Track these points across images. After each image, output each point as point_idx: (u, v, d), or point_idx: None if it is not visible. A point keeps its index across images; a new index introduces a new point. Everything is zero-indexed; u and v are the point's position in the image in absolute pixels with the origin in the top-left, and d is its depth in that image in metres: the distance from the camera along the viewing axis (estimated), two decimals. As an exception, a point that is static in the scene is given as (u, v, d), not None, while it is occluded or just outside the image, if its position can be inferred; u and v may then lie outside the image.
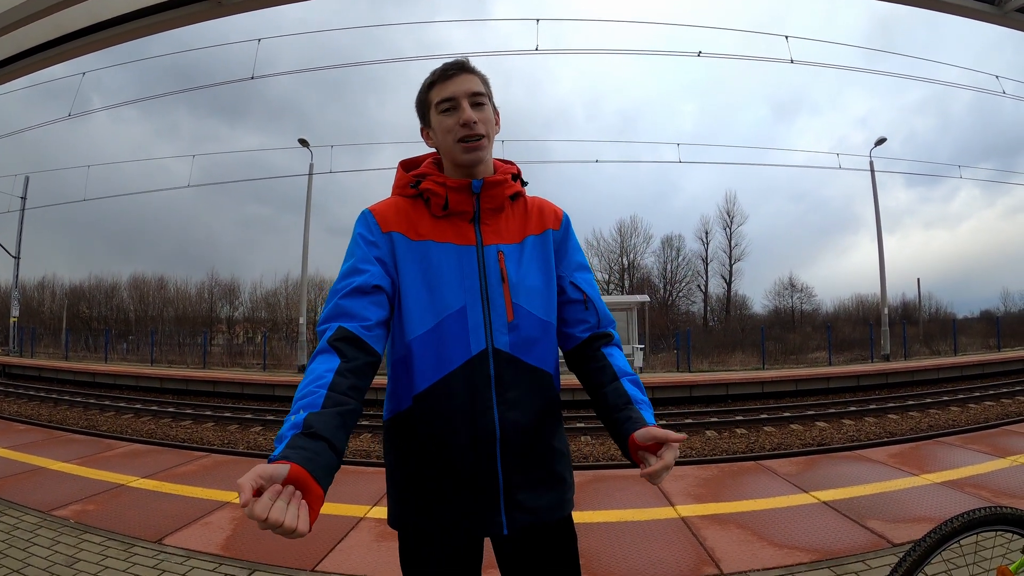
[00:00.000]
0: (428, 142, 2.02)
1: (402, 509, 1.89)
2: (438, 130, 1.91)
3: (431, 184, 1.90)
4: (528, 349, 1.87)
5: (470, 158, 1.87)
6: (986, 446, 6.74)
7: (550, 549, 1.95)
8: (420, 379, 1.81)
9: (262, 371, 30.90)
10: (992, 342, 37.00)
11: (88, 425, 14.91)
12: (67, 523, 4.81)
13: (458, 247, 1.86)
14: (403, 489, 1.89)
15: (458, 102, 1.85)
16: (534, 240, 1.96)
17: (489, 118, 1.92)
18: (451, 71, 1.88)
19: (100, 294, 61.92)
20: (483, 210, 1.90)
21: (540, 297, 1.91)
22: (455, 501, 1.80)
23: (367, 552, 4.35)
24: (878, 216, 33.56)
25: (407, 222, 1.88)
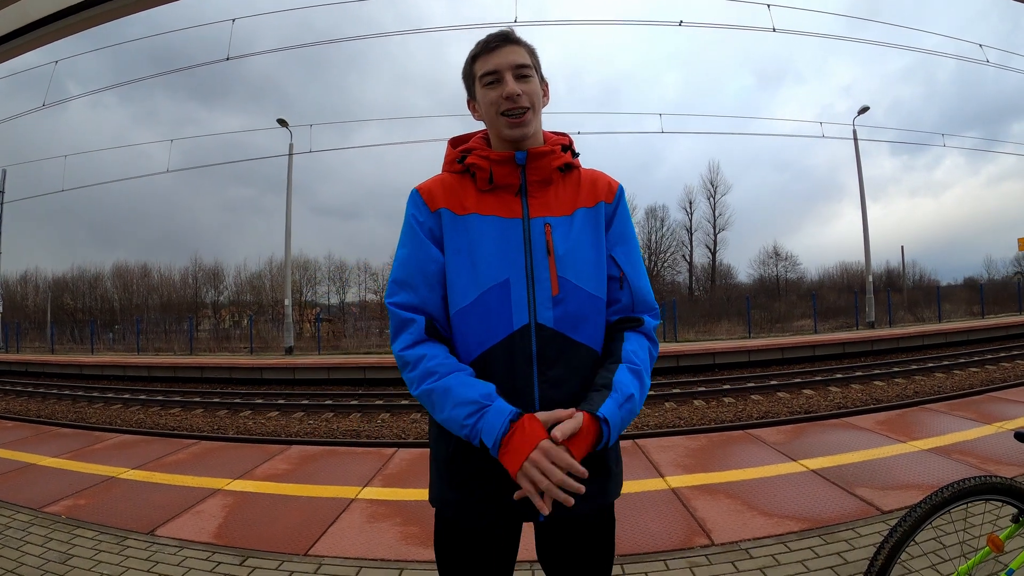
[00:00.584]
0: (475, 115, 1.97)
1: (442, 487, 1.88)
2: (483, 103, 1.88)
3: (476, 158, 1.88)
4: (575, 325, 1.80)
5: (514, 132, 1.83)
6: (972, 412, 6.81)
7: (587, 537, 1.91)
8: (463, 354, 1.80)
9: (249, 355, 30.82)
10: (976, 309, 37.38)
11: (77, 418, 14.84)
12: (59, 519, 4.80)
13: (503, 220, 1.83)
14: (443, 467, 1.86)
15: (501, 75, 1.82)
16: (585, 213, 1.88)
17: (535, 90, 1.87)
18: (494, 43, 1.85)
19: (84, 285, 61.54)
20: (530, 182, 1.86)
21: (590, 272, 1.83)
22: (493, 482, 1.74)
23: (359, 534, 4.35)
24: (861, 184, 33.69)
25: (454, 198, 1.86)
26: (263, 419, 13.72)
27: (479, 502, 1.80)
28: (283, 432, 12.36)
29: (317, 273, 61.66)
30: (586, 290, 1.81)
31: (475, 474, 1.78)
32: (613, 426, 1.67)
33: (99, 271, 61.88)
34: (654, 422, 11.94)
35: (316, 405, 14.76)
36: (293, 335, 31.24)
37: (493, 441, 1.62)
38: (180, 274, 62.21)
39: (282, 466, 6.08)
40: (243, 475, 5.78)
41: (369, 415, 13.63)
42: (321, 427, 12.74)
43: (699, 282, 62.19)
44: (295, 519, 4.67)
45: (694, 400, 13.78)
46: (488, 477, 1.75)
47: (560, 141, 1.95)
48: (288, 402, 15.38)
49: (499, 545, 1.90)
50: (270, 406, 14.96)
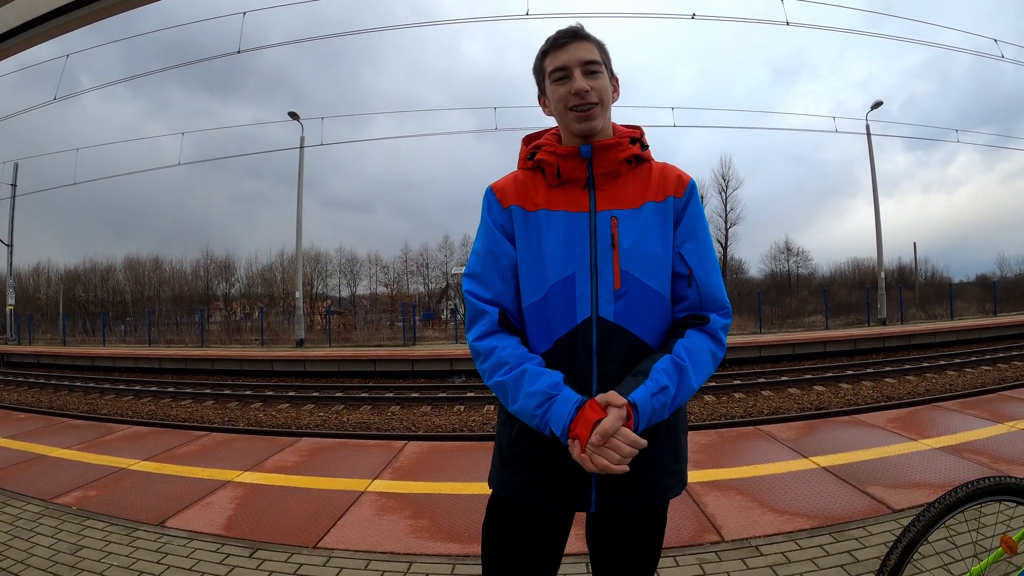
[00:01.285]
0: (545, 110, 2.00)
1: (502, 469, 1.93)
2: (552, 99, 1.90)
3: (545, 155, 1.90)
4: (636, 320, 1.80)
5: (583, 127, 1.84)
6: (984, 411, 6.76)
7: (637, 532, 1.93)
8: (535, 347, 1.84)
9: (260, 347, 30.90)
10: (988, 306, 37.15)
11: (88, 409, 14.92)
12: (69, 510, 4.81)
13: (570, 214, 1.84)
14: (505, 449, 1.92)
15: (570, 71, 1.83)
16: (654, 207, 1.86)
17: (604, 86, 1.87)
18: (563, 39, 1.86)
19: (95, 277, 61.83)
20: (597, 175, 1.87)
21: (656, 267, 1.82)
22: (550, 470, 1.80)
23: (369, 527, 4.35)
24: (874, 180, 33.54)
25: (525, 194, 1.90)
26: (273, 411, 13.76)
27: (536, 485, 1.84)
28: (293, 424, 12.39)
29: (328, 266, 61.80)
30: (649, 285, 1.81)
31: (534, 458, 1.84)
32: (642, 413, 1.66)
33: (111, 263, 62.26)
34: (664, 417, 11.90)
35: (326, 397, 14.79)
36: (304, 327, 31.31)
37: (562, 429, 1.66)
38: (192, 266, 62.54)
39: (292, 458, 6.09)
40: (253, 467, 5.79)
41: (379, 408, 13.67)
42: (331, 419, 12.77)
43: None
44: (305, 511, 4.68)
45: (704, 395, 13.74)
46: (546, 463, 1.81)
47: (630, 134, 1.95)
48: (298, 394, 15.42)
49: (549, 532, 1.93)
50: (281, 398, 15.00)
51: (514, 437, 1.87)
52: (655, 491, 1.83)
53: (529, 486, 1.85)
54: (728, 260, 61.01)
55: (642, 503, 1.80)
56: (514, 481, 1.88)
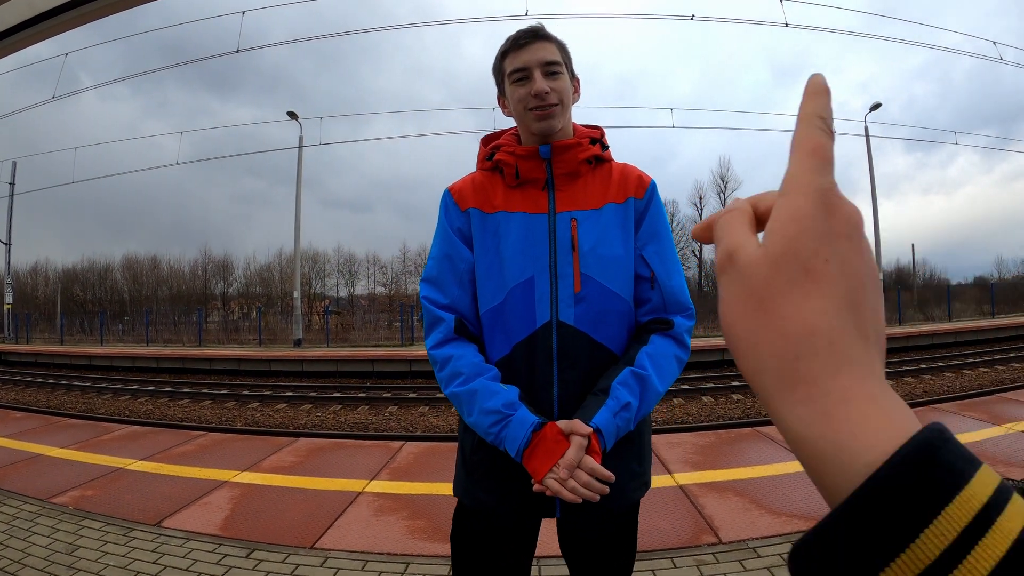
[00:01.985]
0: (504, 111, 1.96)
1: (465, 477, 1.90)
2: (511, 100, 1.87)
3: (503, 155, 1.87)
4: (597, 325, 1.78)
5: (542, 127, 1.81)
6: (981, 413, 6.77)
7: (607, 534, 1.92)
8: (492, 353, 1.82)
9: (258, 347, 30.87)
10: (986, 308, 37.19)
11: (85, 409, 14.89)
12: (66, 510, 4.81)
13: (528, 216, 1.81)
14: (468, 457, 1.89)
15: (530, 72, 1.81)
16: (614, 208, 1.84)
17: (564, 87, 1.84)
18: (523, 39, 1.83)
19: (93, 276, 61.80)
20: (556, 176, 1.84)
21: (616, 270, 1.80)
22: (513, 478, 1.74)
23: (366, 527, 4.36)
24: (872, 181, 33.55)
25: (483, 196, 1.87)
26: (271, 411, 13.74)
27: (499, 494, 1.81)
28: (291, 424, 12.38)
29: (326, 265, 61.80)
30: (610, 288, 1.79)
31: (497, 467, 1.79)
32: (607, 435, 1.66)
33: (109, 262, 62.23)
34: (662, 418, 11.92)
35: (324, 397, 14.77)
36: (302, 327, 31.27)
37: (516, 451, 1.65)
38: (190, 266, 62.49)
39: (289, 458, 6.09)
40: (250, 467, 5.79)
41: (377, 408, 13.65)
42: (329, 419, 12.75)
43: (708, 278, 62.02)
44: (302, 512, 4.68)
45: (703, 396, 13.75)
46: (509, 471, 1.75)
47: (590, 134, 1.92)
48: (296, 394, 15.40)
49: (517, 539, 1.90)
50: (278, 398, 14.97)
51: (476, 445, 1.85)
52: (618, 495, 1.76)
53: (493, 495, 1.82)
54: (726, 261, 61.05)
55: (606, 506, 1.73)
56: (478, 490, 1.85)
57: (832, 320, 0.38)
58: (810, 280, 0.39)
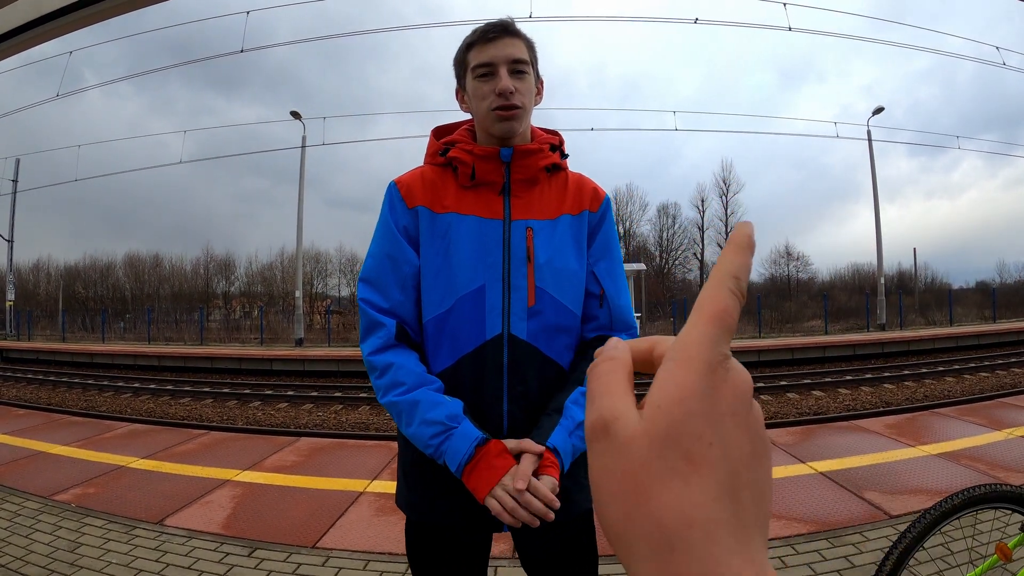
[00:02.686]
0: (462, 106, 1.87)
1: (408, 491, 1.83)
2: (473, 95, 1.78)
3: (460, 152, 1.77)
4: (549, 340, 1.73)
5: (503, 127, 1.74)
6: (982, 418, 6.77)
7: (563, 542, 1.86)
8: (435, 363, 1.73)
9: (259, 346, 30.88)
10: (987, 313, 37.11)
11: (87, 406, 14.90)
12: (69, 507, 4.83)
13: (482, 220, 1.73)
14: (410, 471, 1.81)
15: (496, 68, 1.72)
16: (570, 220, 1.79)
17: (529, 88, 1.77)
18: (492, 33, 1.74)
19: (95, 274, 61.73)
20: (514, 181, 1.77)
21: (570, 284, 1.76)
22: (456, 491, 1.66)
23: (367, 527, 4.37)
24: (875, 185, 33.49)
25: (433, 194, 1.77)
26: (272, 410, 13.75)
27: (444, 509, 1.75)
28: (292, 424, 12.38)
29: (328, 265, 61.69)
30: (563, 303, 1.75)
31: (438, 481, 1.71)
32: (564, 454, 1.63)
33: (111, 260, 62.12)
34: (662, 421, 11.91)
35: (326, 397, 14.77)
36: (303, 327, 31.26)
37: (457, 466, 1.58)
38: (192, 264, 62.43)
39: (291, 458, 6.10)
40: (252, 466, 5.80)
41: (378, 408, 13.63)
42: (330, 419, 12.76)
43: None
44: (303, 511, 4.69)
45: (703, 399, 13.73)
46: (450, 485, 1.68)
47: (550, 140, 1.86)
48: (298, 394, 15.40)
49: (469, 549, 1.85)
50: (280, 397, 14.98)
51: (415, 458, 1.75)
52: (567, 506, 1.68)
53: (438, 510, 1.76)
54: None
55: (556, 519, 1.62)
56: (422, 504, 1.79)
57: (710, 512, 0.36)
58: (691, 467, 0.37)
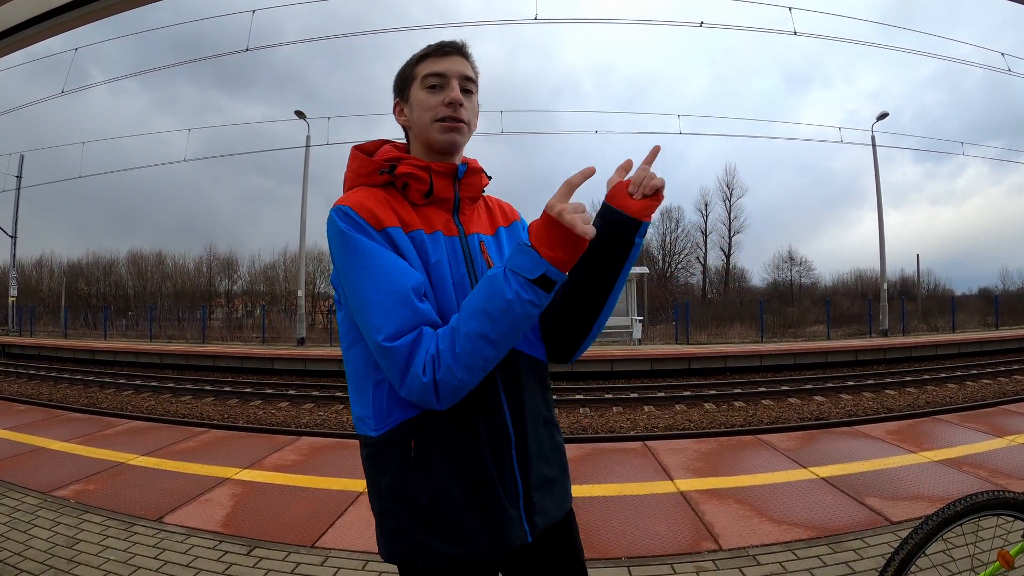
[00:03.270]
0: (399, 118, 1.83)
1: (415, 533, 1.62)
2: (417, 106, 1.74)
3: (411, 168, 1.70)
4: (525, 338, 1.75)
5: (446, 139, 1.71)
6: (984, 425, 6.75)
7: (560, 544, 1.84)
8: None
9: (261, 344, 30.91)
10: (990, 320, 37.10)
11: (88, 403, 14.94)
12: (68, 504, 4.83)
13: (447, 237, 1.71)
14: (426, 511, 1.61)
15: (448, 80, 1.70)
16: (506, 232, 1.88)
17: (475, 108, 1.79)
18: (448, 48, 1.74)
19: (98, 271, 61.76)
20: (462, 198, 1.78)
21: None
22: (486, 514, 1.61)
23: (367, 528, 4.35)
24: (879, 191, 33.50)
25: (393, 214, 1.65)
26: (273, 409, 13.77)
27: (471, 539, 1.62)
28: (293, 423, 12.40)
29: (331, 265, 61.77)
30: None
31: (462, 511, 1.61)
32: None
33: (114, 257, 62.15)
34: (664, 424, 11.93)
35: (327, 396, 14.79)
36: (305, 326, 31.33)
37: (539, 264, 1.44)
38: (195, 262, 62.45)
39: (291, 457, 6.10)
40: (252, 465, 5.80)
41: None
42: (331, 418, 12.78)
43: (712, 285, 61.95)
44: (303, 510, 4.68)
45: (705, 403, 13.75)
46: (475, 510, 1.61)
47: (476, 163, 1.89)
48: (299, 393, 15.42)
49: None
50: (281, 396, 15.01)
51: (436, 490, 1.60)
52: (563, 502, 1.81)
53: (464, 543, 1.61)
54: (730, 268, 61.03)
55: (558, 516, 1.77)
56: (444, 545, 1.61)
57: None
58: None
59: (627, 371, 19.61)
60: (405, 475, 1.62)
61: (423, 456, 1.61)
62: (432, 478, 1.60)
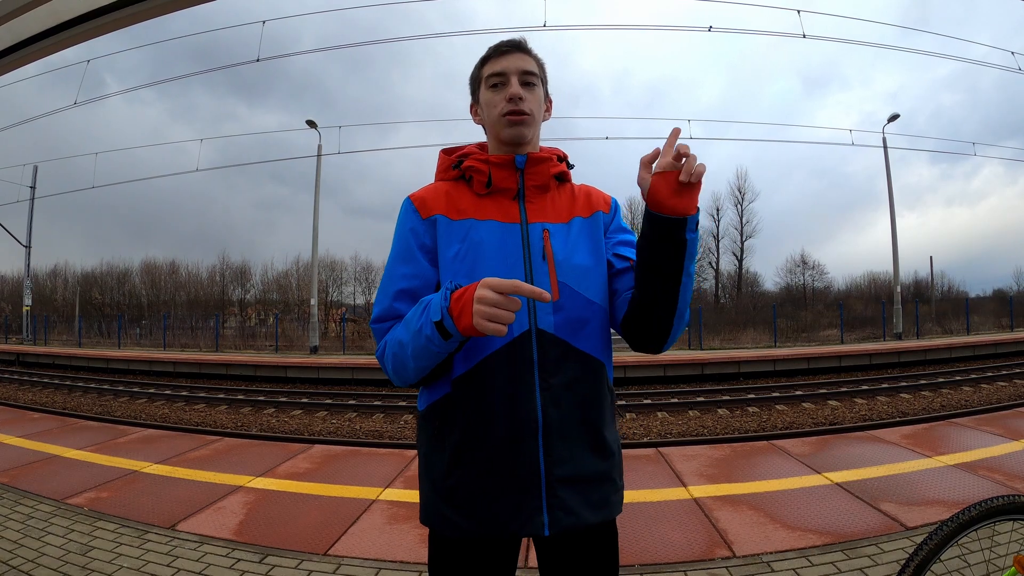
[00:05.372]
0: (476, 119, 1.98)
1: (437, 504, 1.80)
2: (485, 105, 1.89)
3: (473, 162, 1.86)
4: (576, 332, 1.77)
5: (513, 132, 1.83)
6: (999, 428, 6.70)
7: (591, 552, 1.87)
8: (459, 362, 1.74)
9: (274, 353, 30.98)
10: (1005, 321, 36.86)
11: (102, 411, 15.00)
12: (81, 511, 4.84)
13: (501, 224, 1.80)
14: (438, 482, 1.79)
15: (507, 78, 1.84)
16: (582, 222, 1.88)
17: (538, 99, 1.88)
18: (505, 48, 1.87)
19: (112, 280, 62.07)
20: (528, 187, 1.85)
21: (589, 278, 1.82)
22: (495, 496, 1.71)
23: (379, 535, 4.36)
24: (891, 193, 33.35)
25: (448, 203, 1.84)
26: (286, 417, 13.79)
27: (483, 518, 1.74)
28: (306, 431, 12.42)
29: (343, 273, 61.79)
30: (586, 296, 1.80)
31: (476, 488, 1.73)
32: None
33: (128, 266, 62.45)
34: (678, 430, 11.89)
35: (339, 405, 14.82)
36: (318, 334, 31.40)
37: (440, 312, 1.54)
38: (208, 271, 62.67)
39: (304, 465, 6.10)
40: (265, 473, 5.81)
41: (392, 416, 13.67)
42: (344, 427, 12.79)
43: (725, 289, 61.71)
44: (315, 518, 4.69)
45: (718, 409, 13.70)
46: (491, 491, 1.72)
47: (555, 152, 1.96)
48: (312, 401, 15.46)
49: (499, 562, 1.85)
50: (294, 405, 15.04)
51: (449, 465, 1.75)
52: (602, 508, 1.80)
53: (475, 520, 1.74)
54: (743, 273, 60.78)
55: (591, 520, 1.76)
56: (457, 516, 1.75)
57: None
58: None
59: (640, 377, 19.53)
60: (429, 449, 1.83)
61: (442, 435, 1.77)
62: (446, 456, 1.76)
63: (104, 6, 3.68)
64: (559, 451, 1.72)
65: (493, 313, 1.47)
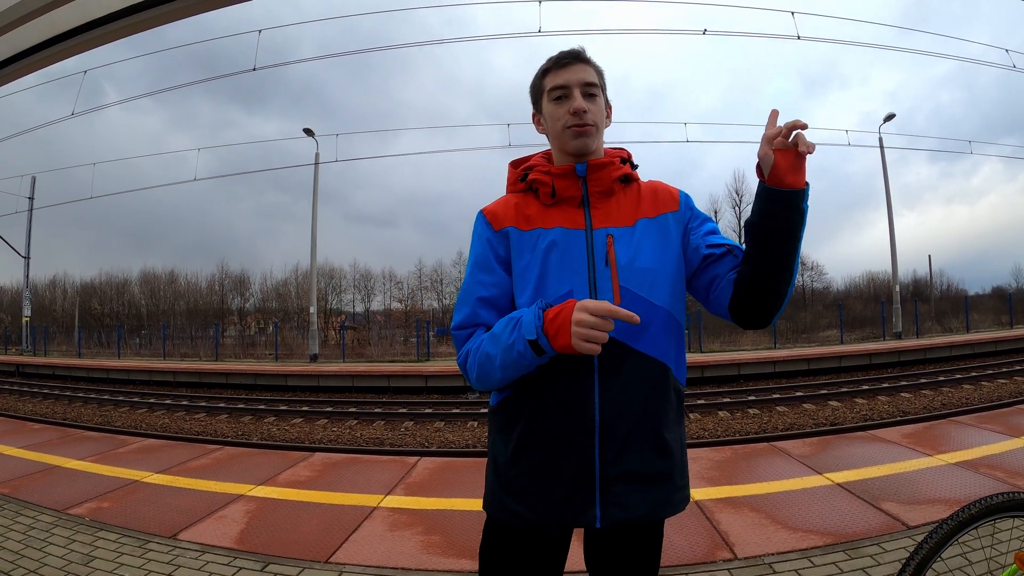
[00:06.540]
0: (539, 128, 2.03)
1: (498, 492, 1.90)
2: (549, 117, 1.93)
3: (538, 174, 1.92)
4: (636, 335, 1.79)
5: (578, 144, 1.88)
6: (1000, 425, 6.70)
7: (637, 548, 1.93)
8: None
9: (274, 361, 30.97)
10: (1004, 319, 36.87)
11: (102, 421, 15.00)
12: (82, 521, 4.84)
13: (567, 231, 1.86)
14: (501, 472, 1.89)
15: (570, 91, 1.87)
16: (647, 223, 1.91)
17: (601, 109, 1.92)
18: (566, 59, 1.90)
19: (111, 290, 62.09)
20: (591, 193, 1.90)
21: (653, 281, 1.84)
22: (553, 488, 1.79)
23: (381, 542, 4.35)
24: (888, 192, 33.44)
25: (518, 215, 1.91)
26: (287, 426, 13.78)
27: (538, 506, 1.82)
28: (307, 439, 12.41)
29: (342, 281, 61.77)
30: (650, 300, 1.83)
31: (535, 478, 1.82)
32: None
33: (127, 276, 62.47)
34: (677, 433, 11.86)
35: (340, 412, 14.81)
36: (318, 342, 31.39)
37: (536, 332, 1.64)
38: (207, 281, 62.67)
39: (305, 473, 6.10)
40: (266, 481, 5.80)
41: (392, 423, 13.67)
42: (344, 434, 12.78)
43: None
44: (317, 526, 4.68)
45: (719, 411, 13.69)
46: (549, 481, 1.80)
47: (620, 154, 1.99)
48: (312, 409, 15.44)
49: (550, 552, 1.93)
50: (294, 413, 15.03)
51: (511, 457, 1.86)
52: (661, 506, 1.83)
53: (532, 508, 1.82)
54: (742, 275, 60.71)
55: (648, 517, 1.81)
56: (516, 504, 1.85)
57: None
58: None
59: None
60: (495, 441, 1.95)
61: (507, 430, 1.89)
62: (509, 449, 1.86)
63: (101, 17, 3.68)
64: (615, 449, 1.77)
65: (591, 335, 1.58)
